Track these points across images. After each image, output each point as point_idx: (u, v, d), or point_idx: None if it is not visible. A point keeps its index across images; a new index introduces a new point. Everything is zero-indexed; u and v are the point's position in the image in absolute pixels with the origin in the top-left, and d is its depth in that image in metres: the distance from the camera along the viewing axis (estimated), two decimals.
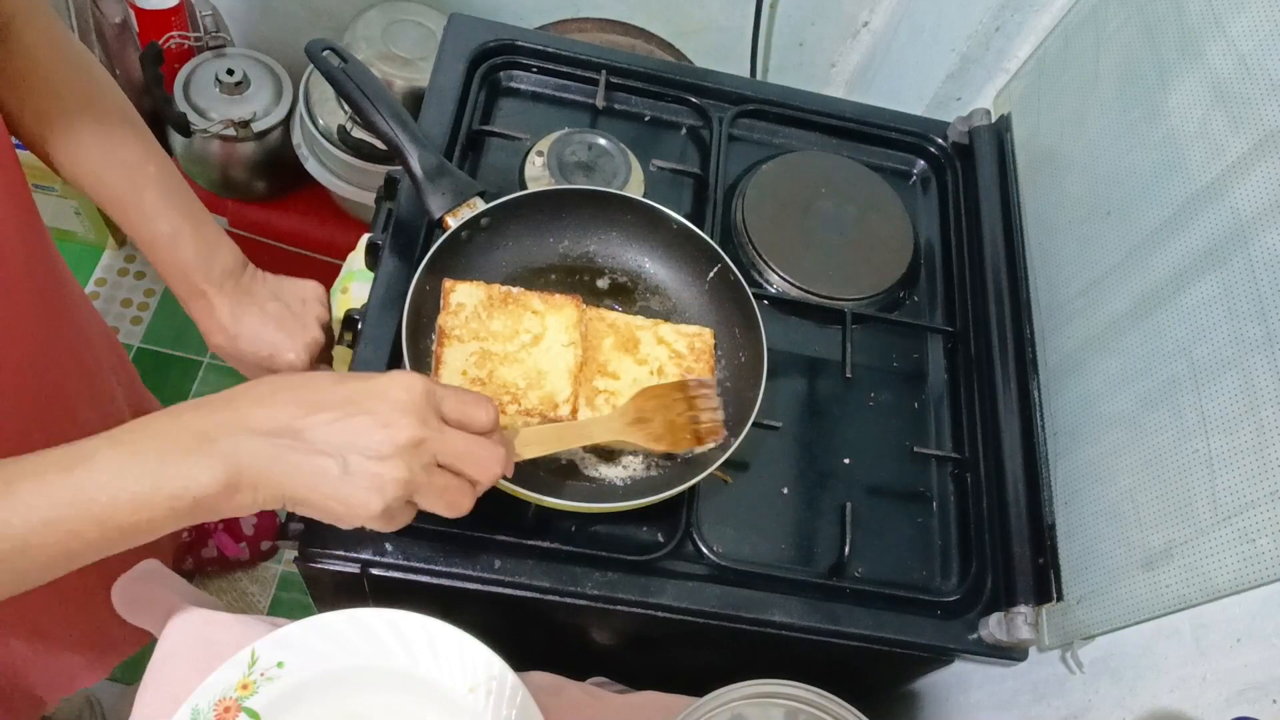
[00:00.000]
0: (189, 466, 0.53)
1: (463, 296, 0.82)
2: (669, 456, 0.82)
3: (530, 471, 0.79)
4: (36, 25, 0.73)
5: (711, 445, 0.79)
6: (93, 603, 0.89)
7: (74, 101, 0.75)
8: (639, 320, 0.85)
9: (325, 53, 0.84)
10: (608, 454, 0.82)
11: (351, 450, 0.55)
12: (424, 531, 0.76)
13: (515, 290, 0.84)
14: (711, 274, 0.88)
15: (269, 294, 0.87)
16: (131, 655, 1.24)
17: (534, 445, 0.71)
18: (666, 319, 0.87)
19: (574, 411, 0.79)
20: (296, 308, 0.87)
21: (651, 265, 0.91)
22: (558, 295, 0.84)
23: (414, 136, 0.84)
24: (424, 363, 0.79)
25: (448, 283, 0.82)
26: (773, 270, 0.98)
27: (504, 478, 0.65)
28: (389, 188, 0.94)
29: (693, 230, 0.87)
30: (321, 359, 0.89)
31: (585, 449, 0.81)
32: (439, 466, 0.59)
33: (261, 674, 0.71)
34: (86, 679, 1.21)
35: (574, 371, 0.81)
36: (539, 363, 0.81)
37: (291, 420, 0.55)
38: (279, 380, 0.57)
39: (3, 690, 1.06)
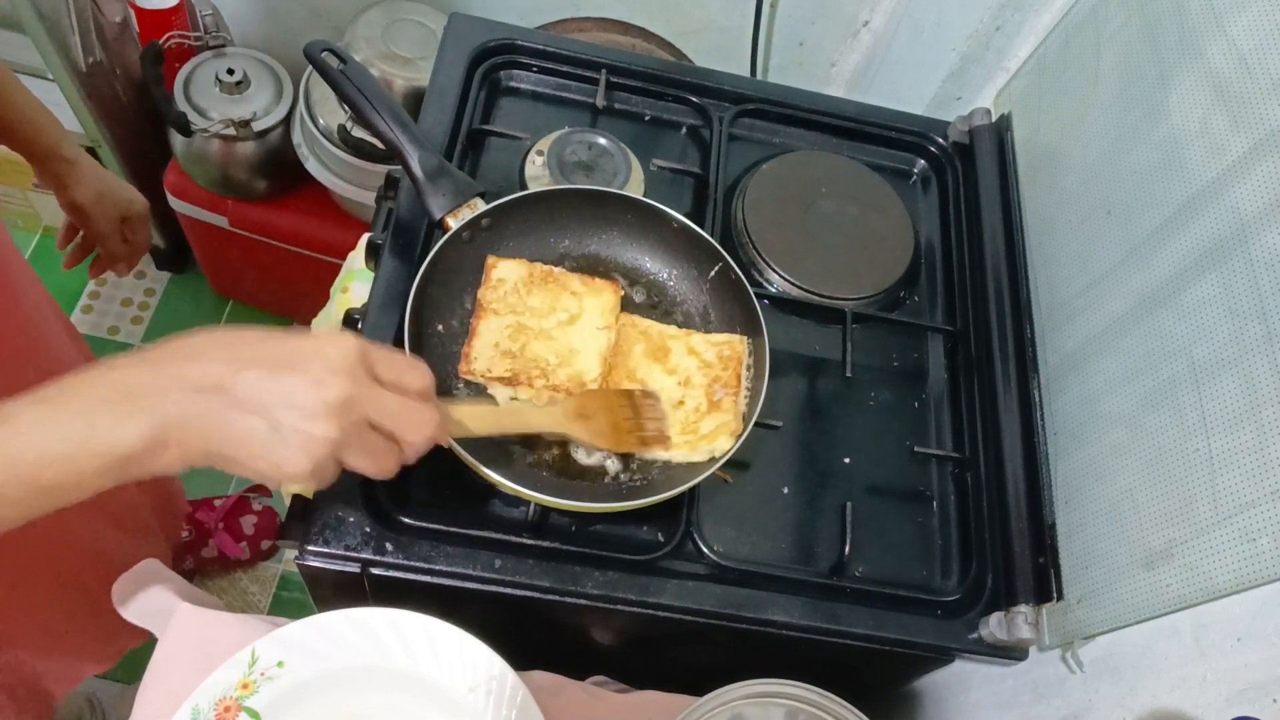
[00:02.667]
0: (115, 423, 0.52)
1: (504, 272, 0.84)
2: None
3: (531, 471, 0.79)
4: None
5: (655, 450, 0.80)
6: (95, 593, 0.89)
7: None
8: (671, 330, 0.86)
9: (324, 54, 0.84)
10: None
11: (281, 408, 0.54)
12: (424, 531, 0.76)
13: (557, 270, 0.85)
14: (713, 273, 0.88)
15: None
16: (136, 646, 1.24)
17: (471, 422, 0.69)
18: (668, 314, 0.87)
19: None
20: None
21: (652, 264, 0.91)
22: (598, 279, 0.85)
23: (414, 138, 0.84)
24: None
25: (491, 259, 0.84)
26: (773, 270, 0.98)
27: (442, 445, 0.65)
28: (389, 187, 0.94)
29: (693, 229, 0.87)
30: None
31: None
32: (370, 427, 0.58)
33: (262, 673, 0.71)
34: (93, 668, 1.22)
35: (605, 354, 0.82)
36: (572, 341, 0.82)
37: (220, 377, 0.54)
38: (209, 336, 0.56)
39: (13, 689, 1.07)
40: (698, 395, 0.82)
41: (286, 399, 0.54)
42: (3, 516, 0.54)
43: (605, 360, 0.82)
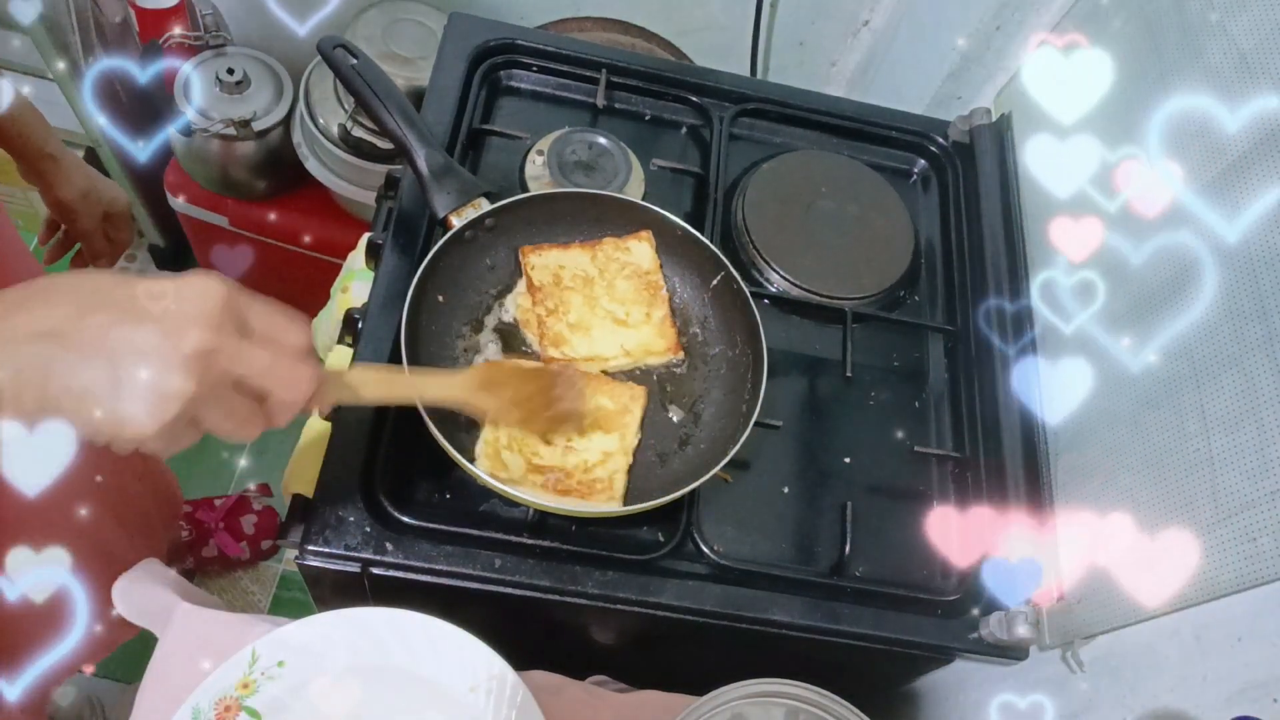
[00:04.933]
0: None
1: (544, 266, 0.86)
2: (662, 453, 0.82)
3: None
4: None
5: (568, 431, 0.78)
6: (97, 583, 0.89)
7: None
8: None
9: (337, 50, 0.84)
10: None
11: (128, 358, 0.48)
12: (424, 531, 0.76)
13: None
14: (715, 281, 0.88)
15: None
16: (133, 637, 1.25)
17: (363, 387, 0.64)
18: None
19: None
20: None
21: None
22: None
23: (421, 135, 0.84)
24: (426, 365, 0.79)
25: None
26: (773, 269, 0.98)
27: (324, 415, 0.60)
28: (390, 186, 0.94)
29: (697, 237, 0.87)
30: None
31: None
32: (233, 385, 0.52)
33: (262, 673, 0.71)
34: (90, 658, 1.26)
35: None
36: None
37: (61, 322, 0.48)
38: (55, 280, 0.51)
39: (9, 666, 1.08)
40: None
41: (135, 349, 0.48)
42: None
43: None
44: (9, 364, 0.48)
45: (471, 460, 0.76)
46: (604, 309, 0.86)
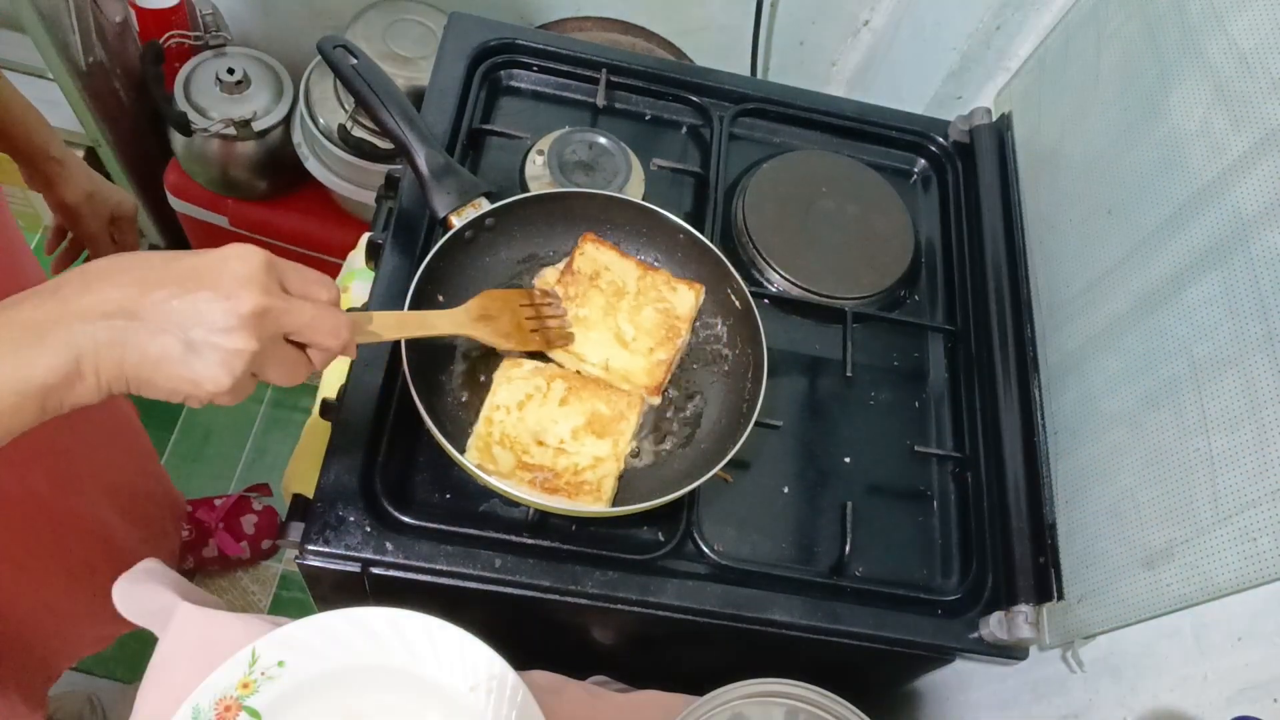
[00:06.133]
0: (26, 359, 0.52)
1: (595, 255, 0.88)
2: (662, 453, 0.82)
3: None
4: None
5: (562, 348, 0.83)
6: (99, 576, 0.90)
7: None
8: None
9: (337, 50, 0.84)
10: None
11: (195, 325, 0.53)
12: (425, 531, 0.77)
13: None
14: (715, 281, 0.88)
15: None
16: (133, 631, 1.26)
17: (381, 328, 0.70)
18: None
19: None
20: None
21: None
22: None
23: (421, 135, 0.84)
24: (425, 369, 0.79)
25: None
26: (773, 269, 0.98)
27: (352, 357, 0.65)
28: (390, 186, 0.94)
29: (697, 237, 0.87)
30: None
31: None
32: (283, 338, 0.58)
33: (262, 673, 0.71)
34: (90, 648, 1.24)
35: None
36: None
37: (126, 300, 0.53)
38: (108, 263, 0.55)
39: (14, 661, 1.08)
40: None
41: (199, 316, 0.54)
42: None
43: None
44: (87, 341, 0.52)
45: (462, 452, 0.76)
46: (617, 323, 0.85)
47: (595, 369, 0.83)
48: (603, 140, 0.99)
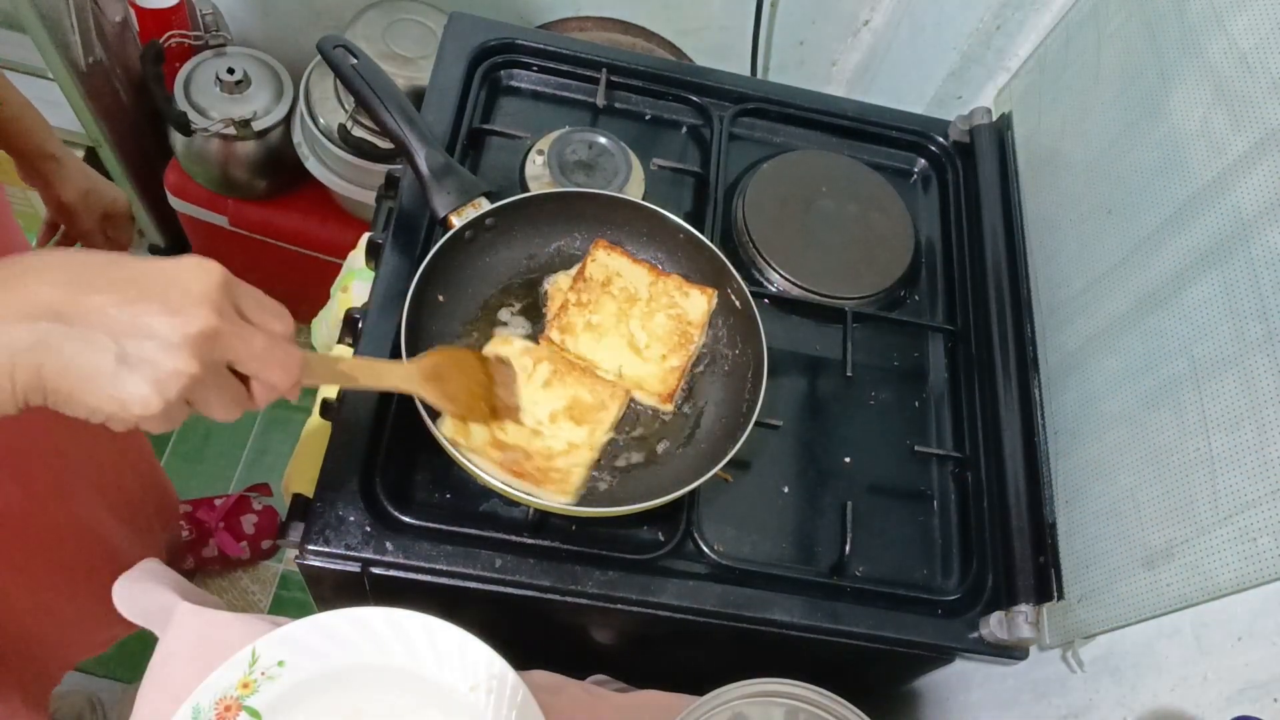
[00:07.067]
0: None
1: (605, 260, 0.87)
2: (650, 453, 0.82)
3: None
4: None
5: (505, 420, 0.79)
6: (98, 579, 0.90)
7: None
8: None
9: (337, 49, 0.84)
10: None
11: (132, 338, 0.48)
12: (424, 531, 0.76)
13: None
14: (715, 281, 0.88)
15: None
16: (132, 633, 1.26)
17: (323, 371, 0.64)
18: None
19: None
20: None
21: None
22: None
23: (421, 135, 0.84)
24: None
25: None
26: (773, 269, 0.98)
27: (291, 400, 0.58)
28: (390, 186, 0.94)
29: (697, 237, 0.87)
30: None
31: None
32: (227, 367, 0.53)
33: (262, 673, 0.71)
34: (90, 651, 1.24)
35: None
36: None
37: (57, 301, 0.47)
38: (50, 256, 0.50)
39: (13, 664, 1.08)
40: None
41: (139, 328, 0.48)
42: None
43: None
44: (9, 343, 0.47)
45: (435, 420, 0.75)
46: (629, 329, 0.85)
47: (607, 377, 0.83)
48: (603, 140, 0.99)
